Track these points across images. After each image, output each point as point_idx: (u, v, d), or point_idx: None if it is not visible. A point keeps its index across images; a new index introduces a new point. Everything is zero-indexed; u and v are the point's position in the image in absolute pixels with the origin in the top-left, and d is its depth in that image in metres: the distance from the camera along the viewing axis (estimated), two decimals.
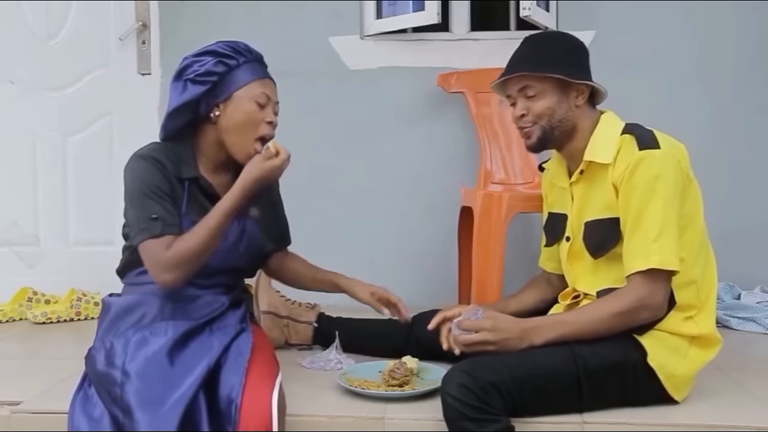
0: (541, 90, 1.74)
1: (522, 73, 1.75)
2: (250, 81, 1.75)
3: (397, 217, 3.02)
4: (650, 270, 1.60)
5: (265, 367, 1.65)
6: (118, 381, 1.54)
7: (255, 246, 1.85)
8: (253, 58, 1.79)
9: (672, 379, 1.67)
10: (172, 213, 1.70)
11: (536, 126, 1.76)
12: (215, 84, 1.73)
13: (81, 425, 1.55)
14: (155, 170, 1.70)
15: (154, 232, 1.66)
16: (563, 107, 1.75)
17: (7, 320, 2.81)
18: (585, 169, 1.76)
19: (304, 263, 2.07)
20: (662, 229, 1.60)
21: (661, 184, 1.61)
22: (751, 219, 2.87)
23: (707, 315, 1.71)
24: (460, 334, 1.64)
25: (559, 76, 1.72)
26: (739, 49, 2.89)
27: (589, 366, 1.61)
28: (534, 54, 1.77)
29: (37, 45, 3.11)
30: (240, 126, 1.74)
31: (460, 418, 1.50)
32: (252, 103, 1.74)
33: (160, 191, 1.69)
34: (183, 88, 1.75)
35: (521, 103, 1.77)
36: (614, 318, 1.62)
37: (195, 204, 1.76)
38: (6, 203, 3.14)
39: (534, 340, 1.62)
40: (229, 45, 1.77)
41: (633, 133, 1.69)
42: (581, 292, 1.81)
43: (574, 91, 1.75)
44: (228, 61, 1.74)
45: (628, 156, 1.65)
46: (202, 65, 1.73)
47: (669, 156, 1.64)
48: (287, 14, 3.01)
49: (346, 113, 3.02)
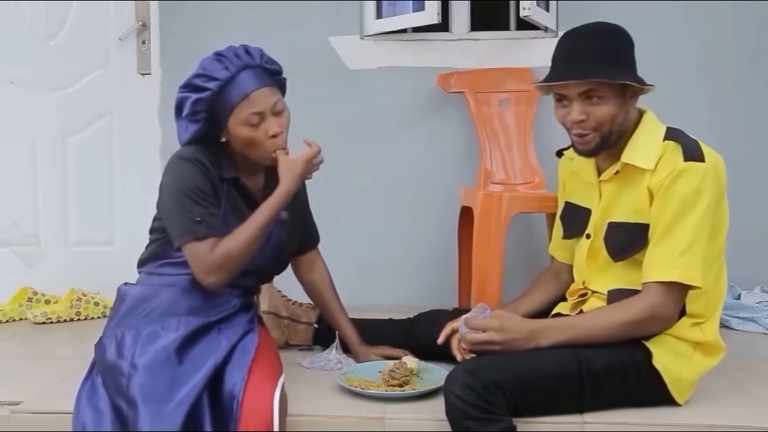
0: (606, 95, 1.63)
1: (600, 79, 1.61)
2: (235, 105, 1.69)
3: (397, 217, 3.01)
4: (669, 282, 1.58)
5: (269, 368, 1.65)
6: (126, 372, 1.55)
7: (280, 248, 1.85)
8: (238, 69, 1.70)
9: (677, 383, 1.66)
10: (215, 215, 1.70)
11: (596, 133, 1.65)
12: (207, 118, 1.72)
13: (86, 417, 1.55)
14: (199, 172, 1.70)
15: (198, 234, 1.67)
16: (623, 111, 1.66)
17: (7, 320, 2.81)
18: (620, 170, 1.70)
19: (330, 292, 2.08)
20: (691, 243, 1.58)
21: (700, 198, 1.58)
22: (751, 219, 2.87)
23: (713, 323, 1.71)
24: (467, 332, 1.64)
25: (633, 83, 1.63)
26: (740, 49, 2.89)
27: (593, 367, 1.60)
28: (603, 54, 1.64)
29: (37, 45, 3.11)
30: (246, 147, 1.74)
31: (463, 417, 1.50)
32: (245, 127, 1.70)
33: (204, 193, 1.70)
34: (186, 126, 1.75)
35: (580, 106, 1.64)
36: (624, 326, 1.60)
37: (233, 204, 1.76)
38: (6, 203, 3.13)
39: (541, 341, 1.61)
40: (203, 71, 1.69)
41: (678, 141, 1.63)
42: (590, 291, 1.79)
43: (630, 92, 1.66)
44: (203, 95, 1.69)
45: (672, 164, 1.60)
46: (188, 102, 1.71)
47: (712, 171, 1.60)
48: (287, 14, 3.01)
49: (346, 113, 3.02)
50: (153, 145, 3.04)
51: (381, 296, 2.91)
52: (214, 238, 1.68)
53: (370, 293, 2.91)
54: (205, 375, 1.55)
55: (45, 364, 2.22)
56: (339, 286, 2.14)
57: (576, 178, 1.86)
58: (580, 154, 1.73)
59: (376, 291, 2.94)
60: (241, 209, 1.77)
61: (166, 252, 1.76)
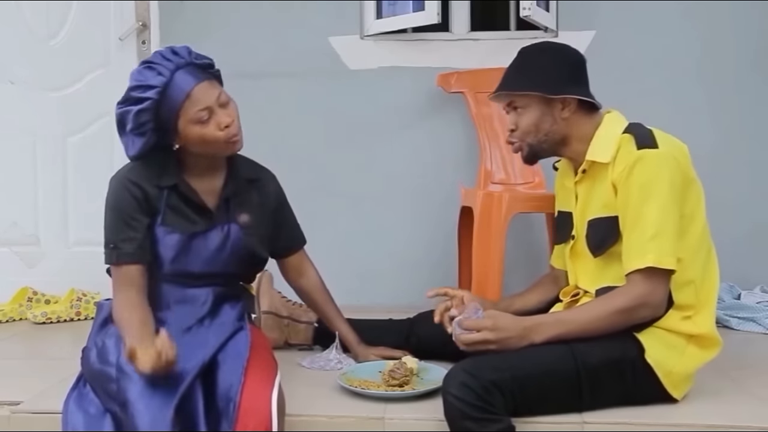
0: (525, 104, 1.79)
1: (502, 92, 1.82)
2: (179, 107, 1.65)
3: (397, 217, 3.01)
4: (648, 268, 1.60)
5: (264, 368, 1.65)
6: (113, 377, 1.55)
7: (243, 252, 1.82)
8: (171, 71, 1.65)
9: (670, 376, 1.67)
10: (133, 240, 1.71)
11: (522, 143, 1.81)
12: (155, 128, 1.69)
13: (77, 422, 1.56)
14: (123, 192, 1.72)
15: (111, 260, 1.73)
16: (548, 121, 1.78)
17: (7, 320, 2.81)
18: (587, 169, 1.77)
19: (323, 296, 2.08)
20: (659, 228, 1.61)
21: (657, 183, 1.62)
22: (751, 219, 2.87)
23: (706, 315, 1.71)
24: (461, 333, 1.64)
25: (534, 93, 1.76)
26: (740, 49, 2.89)
27: (589, 363, 1.61)
28: (520, 69, 1.81)
29: (37, 45, 3.11)
30: (202, 145, 1.72)
31: (461, 418, 1.50)
32: (196, 126, 1.67)
33: (126, 216, 1.72)
34: (132, 141, 1.72)
35: (511, 116, 1.83)
36: (614, 315, 1.62)
37: (175, 211, 1.76)
38: (6, 203, 3.13)
39: (534, 338, 1.63)
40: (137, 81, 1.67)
41: (632, 133, 1.70)
42: (581, 290, 1.82)
43: (559, 104, 1.77)
44: (145, 105, 1.66)
45: (627, 155, 1.66)
46: (130, 116, 1.67)
47: (667, 155, 1.64)
48: (287, 14, 3.01)
49: (346, 113, 3.02)
50: None
51: (381, 296, 2.91)
52: (128, 266, 1.70)
53: (370, 293, 2.91)
54: (194, 369, 1.55)
55: (45, 364, 2.23)
56: (339, 287, 2.14)
57: (563, 188, 1.93)
58: (524, 162, 1.88)
59: (376, 291, 2.94)
60: (186, 214, 1.76)
61: None
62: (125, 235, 1.71)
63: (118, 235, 1.72)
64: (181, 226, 1.75)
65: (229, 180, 1.82)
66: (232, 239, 1.80)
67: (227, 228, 1.80)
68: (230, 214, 1.81)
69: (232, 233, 1.80)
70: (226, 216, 1.81)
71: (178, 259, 1.75)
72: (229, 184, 1.82)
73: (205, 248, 1.77)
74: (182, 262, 1.75)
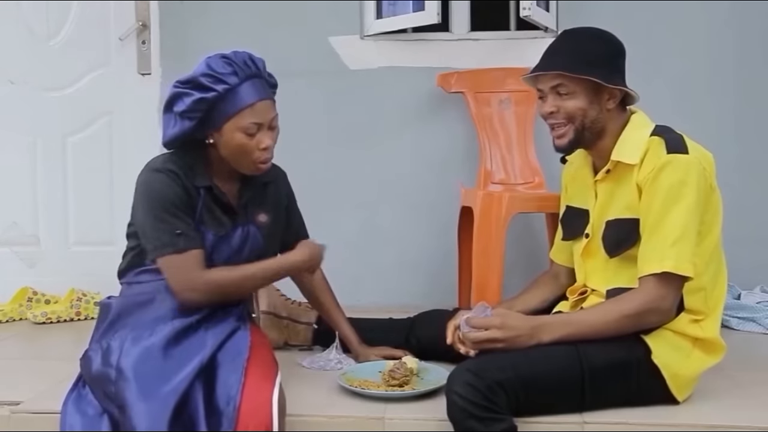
0: (574, 89, 1.71)
1: (558, 71, 1.72)
2: (238, 111, 1.69)
3: (397, 217, 3.01)
4: (663, 273, 1.59)
5: (265, 368, 1.65)
6: (113, 378, 1.56)
7: (258, 251, 1.84)
8: (244, 78, 1.70)
9: (676, 379, 1.67)
10: (192, 227, 1.71)
11: (570, 127, 1.73)
12: (202, 119, 1.70)
13: (74, 423, 1.56)
14: (173, 183, 1.71)
15: (178, 247, 1.69)
16: (594, 109, 1.73)
17: (7, 320, 2.81)
18: (612, 169, 1.75)
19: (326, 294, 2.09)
20: (681, 234, 1.60)
21: (685, 189, 1.61)
22: (750, 219, 2.87)
23: (713, 322, 1.72)
24: (469, 331, 1.64)
25: (596, 79, 1.70)
26: (742, 48, 2.89)
27: (595, 364, 1.61)
28: (572, 51, 1.73)
29: (37, 45, 3.11)
30: (234, 154, 1.74)
31: (466, 417, 1.50)
32: (241, 134, 1.70)
33: (179, 205, 1.71)
34: (174, 122, 1.73)
35: (552, 100, 1.75)
36: (623, 320, 1.62)
37: (208, 212, 1.77)
38: (6, 203, 3.13)
39: (542, 337, 1.62)
40: (211, 71, 1.68)
41: (662, 136, 1.68)
42: (589, 289, 1.81)
43: (607, 94, 1.73)
44: (207, 96, 1.67)
45: (655, 158, 1.65)
46: (187, 99, 1.68)
47: (695, 162, 1.63)
48: (287, 14, 3.01)
49: (346, 113, 3.02)
50: (153, 145, 2.99)
51: (381, 296, 2.91)
52: (195, 250, 1.70)
53: (370, 293, 2.91)
54: (193, 370, 1.55)
55: (45, 364, 2.22)
56: (339, 286, 2.14)
57: (576, 182, 1.90)
58: (557, 150, 1.80)
59: (376, 291, 2.94)
60: (217, 216, 1.77)
61: (142, 260, 1.77)
62: (186, 223, 1.71)
63: (179, 221, 1.70)
64: (214, 227, 1.77)
65: (247, 181, 1.83)
66: (251, 240, 1.82)
67: (247, 229, 1.82)
68: (249, 215, 1.83)
69: (251, 234, 1.82)
70: (245, 217, 1.82)
71: (208, 258, 1.75)
72: (248, 186, 1.83)
73: (227, 249, 1.78)
74: (210, 262, 1.75)
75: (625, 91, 1.75)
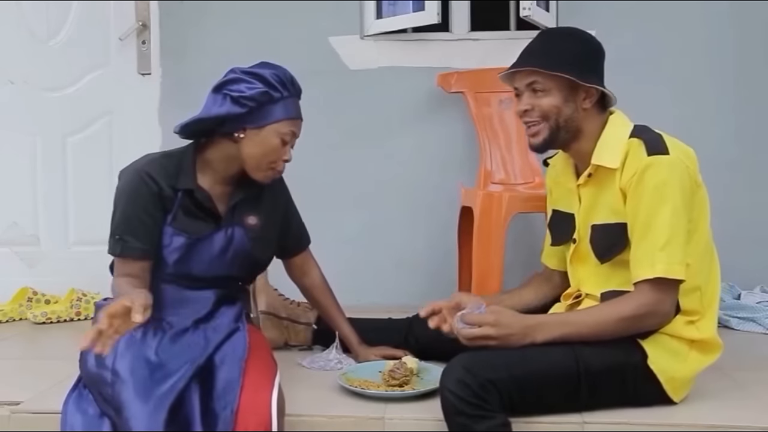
0: (548, 87, 1.70)
1: (532, 68, 1.71)
2: (284, 118, 1.76)
3: (397, 217, 3.01)
4: (657, 279, 1.58)
5: (263, 368, 1.65)
6: (109, 381, 1.55)
7: (244, 254, 1.82)
8: (294, 93, 1.80)
9: (672, 382, 1.67)
10: (140, 235, 1.71)
11: (544, 125, 1.72)
12: (252, 110, 1.72)
13: (75, 423, 1.56)
14: (141, 185, 1.72)
15: (114, 251, 1.72)
16: (569, 108, 1.71)
17: (7, 320, 2.81)
18: (593, 173, 1.73)
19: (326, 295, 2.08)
20: (670, 237, 1.58)
21: (669, 190, 1.59)
22: (750, 219, 2.87)
23: (709, 320, 1.71)
24: (463, 327, 1.63)
25: (568, 76, 1.68)
26: (741, 48, 2.89)
27: (591, 367, 1.60)
28: (547, 49, 1.73)
29: (37, 45, 3.11)
30: (262, 154, 1.76)
31: (455, 413, 1.51)
32: (278, 139, 1.76)
33: (140, 210, 1.71)
34: (221, 102, 1.73)
35: (527, 98, 1.74)
36: (620, 322, 1.61)
37: (186, 214, 1.76)
38: (6, 203, 3.13)
39: (536, 337, 1.61)
40: (278, 75, 1.75)
41: (641, 138, 1.66)
42: (584, 293, 1.80)
43: (583, 93, 1.71)
44: (273, 93, 1.73)
45: (636, 161, 1.63)
46: (250, 88, 1.71)
47: (678, 162, 1.62)
48: (287, 14, 3.01)
49: (346, 113, 3.02)
50: (153, 145, 3.01)
51: (381, 296, 2.91)
52: (131, 259, 1.71)
53: (370, 293, 2.91)
54: (188, 371, 1.55)
55: (45, 364, 2.22)
56: (339, 286, 2.14)
57: (559, 186, 1.89)
58: (532, 147, 1.79)
59: (376, 291, 2.94)
60: (194, 217, 1.77)
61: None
62: (135, 228, 1.71)
63: (128, 226, 1.71)
64: (190, 229, 1.76)
65: (241, 184, 1.83)
66: (235, 242, 1.80)
67: (231, 231, 1.80)
68: (235, 217, 1.82)
69: (236, 236, 1.80)
70: (231, 219, 1.81)
71: (182, 261, 1.75)
72: (240, 189, 1.83)
73: (208, 251, 1.77)
74: (185, 264, 1.75)
75: (602, 92, 1.73)
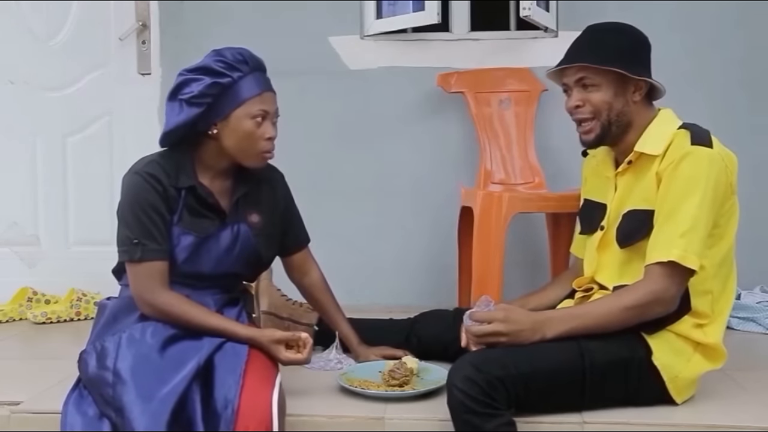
0: (598, 82, 1.71)
1: (582, 63, 1.71)
2: (247, 99, 1.71)
3: (397, 217, 3.01)
4: (669, 264, 1.59)
5: (264, 368, 1.65)
6: (110, 382, 1.55)
7: (249, 251, 1.83)
8: (252, 69, 1.73)
9: (675, 381, 1.67)
10: (157, 236, 1.70)
11: (596, 122, 1.73)
12: (210, 105, 1.70)
13: (75, 424, 1.56)
14: (148, 187, 1.71)
15: (133, 257, 1.70)
16: (620, 102, 1.72)
17: (7, 320, 2.81)
18: (634, 161, 1.74)
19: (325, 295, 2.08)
20: (692, 226, 1.59)
21: (702, 183, 1.60)
22: (750, 219, 2.87)
23: (717, 327, 1.72)
24: (472, 325, 1.64)
25: (619, 70, 1.69)
26: (742, 48, 2.89)
27: (596, 362, 1.61)
28: (595, 44, 1.74)
29: (37, 45, 3.11)
30: (239, 143, 1.74)
31: (464, 411, 1.50)
32: (250, 121, 1.72)
33: (149, 211, 1.70)
34: (179, 109, 1.72)
35: (577, 93, 1.74)
36: (627, 311, 1.61)
37: (191, 212, 1.76)
38: (6, 203, 3.13)
39: (546, 332, 1.62)
40: (224, 59, 1.71)
41: (689, 129, 1.68)
42: (595, 286, 1.80)
43: (632, 87, 1.72)
44: (222, 81, 1.69)
45: (678, 149, 1.64)
46: (197, 85, 1.69)
47: (717, 158, 1.63)
48: (287, 14, 3.01)
49: (346, 113, 3.02)
50: (153, 145, 2.96)
51: (381, 296, 2.91)
52: (153, 262, 1.69)
53: (370, 293, 2.91)
54: (190, 372, 1.55)
55: (45, 364, 2.22)
56: (339, 286, 2.14)
57: (596, 175, 1.89)
58: (584, 144, 1.79)
59: (376, 291, 2.94)
60: (200, 215, 1.76)
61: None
62: (150, 230, 1.70)
63: (142, 229, 1.69)
64: (197, 227, 1.75)
65: (241, 180, 1.83)
66: (241, 239, 1.81)
67: (237, 228, 1.81)
68: (240, 214, 1.82)
69: (241, 233, 1.81)
70: (236, 216, 1.81)
71: (191, 260, 1.75)
72: (241, 185, 1.83)
73: (216, 249, 1.77)
74: (194, 263, 1.75)
75: (651, 84, 1.74)
